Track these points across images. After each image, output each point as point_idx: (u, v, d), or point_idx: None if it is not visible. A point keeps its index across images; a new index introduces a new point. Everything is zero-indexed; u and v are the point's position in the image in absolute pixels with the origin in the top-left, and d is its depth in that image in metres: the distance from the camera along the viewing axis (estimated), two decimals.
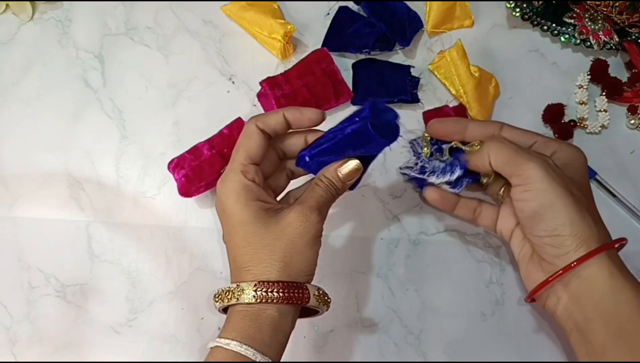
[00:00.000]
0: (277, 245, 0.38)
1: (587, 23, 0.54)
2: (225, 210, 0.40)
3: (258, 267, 0.38)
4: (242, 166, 0.41)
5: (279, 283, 0.37)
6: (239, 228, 0.39)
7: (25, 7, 0.55)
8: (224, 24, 0.55)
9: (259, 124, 0.41)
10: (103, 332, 0.47)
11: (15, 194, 0.51)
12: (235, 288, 0.38)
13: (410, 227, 0.50)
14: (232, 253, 0.40)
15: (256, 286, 0.37)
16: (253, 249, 0.38)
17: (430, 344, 0.48)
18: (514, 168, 0.40)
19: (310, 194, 0.41)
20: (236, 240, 0.39)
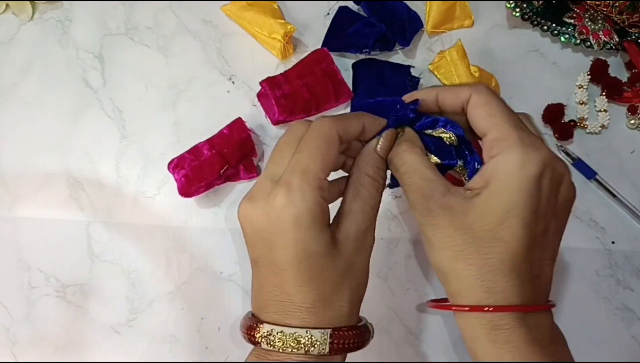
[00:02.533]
0: (345, 282, 0.33)
1: (587, 23, 0.54)
2: (288, 234, 0.32)
3: (326, 311, 0.33)
4: (320, 182, 0.32)
5: (353, 331, 0.33)
6: (304, 261, 0.32)
7: (25, 7, 0.55)
8: (224, 24, 0.55)
9: (340, 130, 0.33)
10: (103, 332, 0.47)
11: (15, 195, 0.51)
12: (305, 336, 0.32)
13: (410, 227, 0.50)
14: (284, 286, 0.33)
15: (333, 337, 0.32)
16: (319, 289, 0.32)
17: (431, 345, 0.48)
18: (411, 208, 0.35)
19: (360, 205, 0.34)
20: (295, 274, 0.32)
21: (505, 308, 0.32)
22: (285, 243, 0.32)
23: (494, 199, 0.32)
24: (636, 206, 0.50)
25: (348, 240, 0.33)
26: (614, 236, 0.50)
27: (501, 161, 0.32)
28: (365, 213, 0.34)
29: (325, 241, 0.32)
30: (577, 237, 0.50)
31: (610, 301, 0.49)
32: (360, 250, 0.34)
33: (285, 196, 0.32)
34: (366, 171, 0.35)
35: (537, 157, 0.32)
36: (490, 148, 0.33)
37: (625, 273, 0.50)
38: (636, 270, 0.50)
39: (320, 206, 0.32)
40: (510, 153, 0.32)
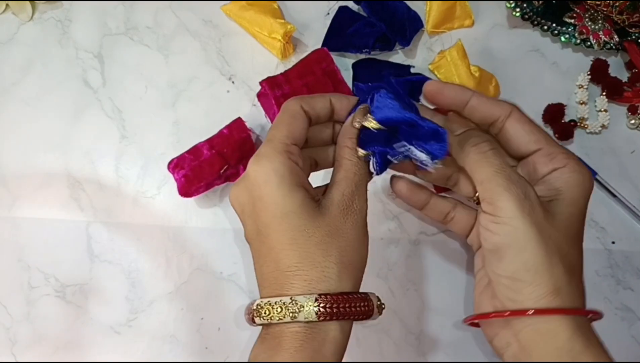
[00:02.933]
0: (331, 242, 0.33)
1: (587, 23, 0.54)
2: (263, 197, 0.33)
3: (312, 272, 0.32)
4: (285, 146, 0.34)
5: (345, 295, 0.32)
6: (281, 220, 0.32)
7: (25, 7, 0.55)
8: (224, 23, 0.55)
9: (304, 105, 0.36)
10: (103, 332, 0.47)
11: (15, 194, 0.51)
12: (289, 303, 0.31)
13: (410, 227, 0.50)
14: (271, 253, 0.33)
15: (318, 300, 0.31)
16: (302, 248, 0.32)
17: (431, 345, 0.48)
18: (487, 192, 0.35)
19: (342, 173, 0.35)
20: (278, 236, 0.33)
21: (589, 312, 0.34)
22: (263, 207, 0.33)
23: (573, 205, 0.35)
24: (636, 206, 0.50)
25: (332, 204, 0.34)
26: (614, 236, 0.50)
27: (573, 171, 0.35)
28: (348, 178, 0.35)
29: (299, 199, 0.33)
30: None
31: (611, 302, 0.49)
32: (347, 213, 0.34)
33: (254, 163, 0.34)
34: (345, 144, 0.36)
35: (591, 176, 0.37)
36: (551, 160, 0.36)
37: (625, 273, 0.50)
38: (636, 270, 0.50)
39: (286, 166, 0.33)
40: (577, 165, 0.36)
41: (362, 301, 0.33)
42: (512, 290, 0.34)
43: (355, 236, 0.34)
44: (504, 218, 0.33)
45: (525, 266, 0.33)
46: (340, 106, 0.37)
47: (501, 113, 0.37)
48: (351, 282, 0.34)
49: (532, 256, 0.33)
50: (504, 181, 0.34)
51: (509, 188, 0.34)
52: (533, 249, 0.33)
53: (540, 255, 0.33)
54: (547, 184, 0.35)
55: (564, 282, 0.33)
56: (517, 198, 0.33)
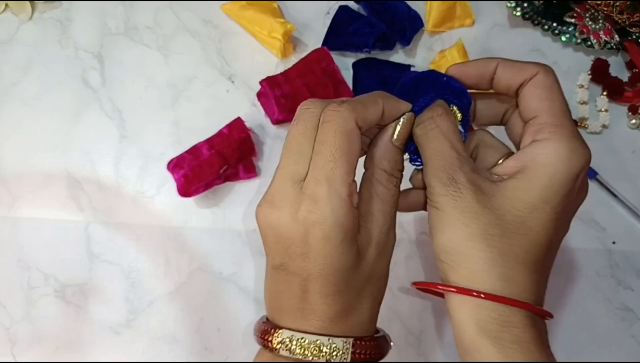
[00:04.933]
0: (367, 287, 0.32)
1: (588, 23, 0.54)
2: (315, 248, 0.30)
3: (349, 319, 0.31)
4: (348, 187, 0.30)
5: (374, 342, 0.32)
6: (332, 274, 0.30)
7: (25, 7, 0.55)
8: (224, 23, 0.55)
9: (359, 121, 0.31)
10: (103, 332, 0.47)
11: (15, 194, 0.51)
12: (326, 343, 0.30)
13: (411, 227, 0.50)
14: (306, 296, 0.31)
15: (355, 347, 0.31)
16: (344, 299, 0.31)
17: (431, 345, 0.47)
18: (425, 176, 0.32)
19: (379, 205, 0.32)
20: (320, 287, 0.31)
21: (522, 305, 0.29)
22: (312, 256, 0.30)
23: (531, 185, 0.30)
24: (637, 206, 0.50)
25: (370, 245, 0.31)
26: (614, 236, 0.50)
27: (549, 147, 0.30)
28: (386, 213, 0.32)
29: (353, 255, 0.30)
30: (577, 237, 0.50)
31: (611, 302, 0.49)
32: (382, 254, 0.32)
33: (313, 210, 0.29)
34: (382, 166, 0.32)
35: (583, 153, 0.30)
36: (536, 131, 0.31)
37: (625, 273, 0.49)
38: (636, 270, 0.50)
39: (349, 216, 0.30)
40: (561, 141, 0.30)
41: (384, 346, 0.33)
42: (440, 270, 0.32)
43: (385, 275, 0.33)
44: (432, 201, 0.31)
45: (444, 249, 0.31)
46: (390, 113, 0.33)
47: (526, 77, 0.32)
48: (376, 322, 0.33)
49: (448, 238, 0.30)
50: (436, 164, 0.31)
51: (435, 174, 0.31)
52: (450, 232, 0.30)
53: (456, 238, 0.30)
54: (519, 157, 0.31)
55: (483, 268, 0.30)
56: (442, 183, 0.31)
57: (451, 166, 0.31)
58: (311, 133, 0.31)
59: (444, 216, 0.31)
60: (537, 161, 0.30)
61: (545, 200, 0.30)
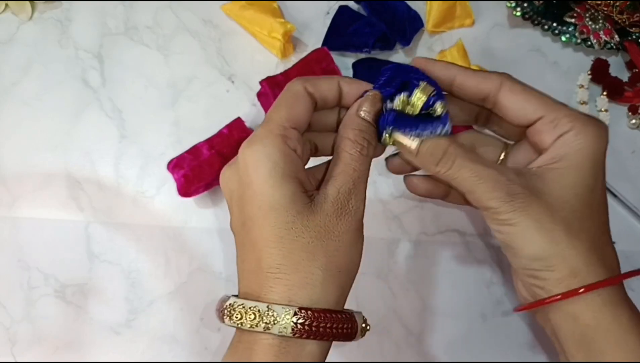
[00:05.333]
0: (319, 245, 0.30)
1: (588, 23, 0.54)
2: (251, 185, 0.30)
3: (294, 277, 0.29)
4: (282, 129, 0.31)
5: (328, 314, 0.29)
6: (268, 214, 0.30)
7: (25, 7, 0.55)
8: (224, 23, 0.55)
9: (309, 87, 0.33)
10: (103, 332, 0.47)
11: (15, 194, 0.51)
12: (265, 311, 0.28)
13: (411, 227, 0.50)
14: (254, 249, 0.30)
15: (297, 315, 0.28)
16: (287, 248, 0.29)
17: (431, 345, 0.47)
18: (476, 201, 0.33)
19: (341, 167, 0.32)
20: (262, 231, 0.30)
21: (624, 276, 0.33)
22: (250, 196, 0.30)
23: (580, 168, 0.32)
24: (637, 206, 0.50)
25: (326, 201, 0.31)
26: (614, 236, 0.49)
27: (578, 134, 0.32)
28: (346, 174, 0.32)
29: (290, 192, 0.30)
30: None
31: None
32: (341, 213, 0.31)
33: (247, 145, 0.31)
34: (347, 135, 0.33)
35: (603, 127, 0.33)
36: (554, 128, 0.33)
37: None
38: None
39: (281, 152, 0.30)
40: (585, 126, 0.32)
41: (345, 322, 0.30)
42: (533, 278, 0.33)
43: (347, 239, 0.31)
44: (501, 219, 0.32)
45: (535, 257, 0.32)
46: (348, 89, 0.34)
47: (491, 87, 0.34)
48: (337, 292, 0.31)
49: (537, 247, 0.32)
50: (484, 189, 0.32)
51: (493, 196, 0.32)
52: (536, 241, 0.32)
53: (544, 244, 0.32)
54: (551, 153, 0.33)
55: (579, 262, 0.32)
56: (505, 201, 0.32)
57: (501, 182, 0.32)
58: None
59: (522, 230, 0.32)
60: (573, 147, 0.32)
61: (596, 177, 0.33)
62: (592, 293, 0.32)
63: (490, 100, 0.35)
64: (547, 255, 0.32)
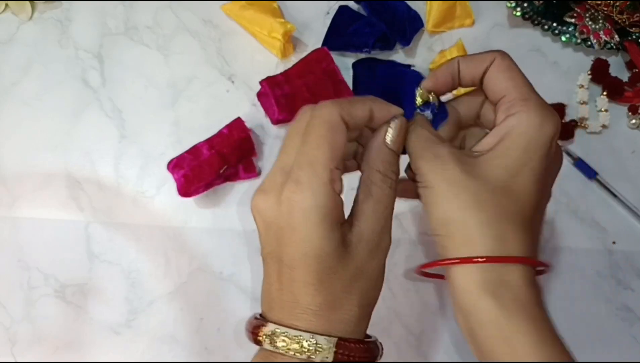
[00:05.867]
0: (355, 284, 0.31)
1: (588, 23, 0.54)
2: (296, 231, 0.30)
3: (333, 314, 0.31)
4: (330, 173, 0.30)
5: (361, 345, 0.31)
6: (312, 260, 0.30)
7: (25, 7, 0.55)
8: (224, 23, 0.55)
9: (344, 115, 0.32)
10: (103, 332, 0.47)
11: (15, 194, 0.51)
12: (309, 341, 0.30)
13: (411, 227, 0.50)
14: (292, 286, 0.31)
15: (339, 346, 0.30)
16: (328, 291, 0.31)
17: (431, 345, 0.47)
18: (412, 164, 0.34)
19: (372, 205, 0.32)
20: (304, 274, 0.31)
21: (519, 259, 0.31)
22: (294, 239, 0.30)
23: (510, 152, 0.32)
24: (637, 206, 0.50)
25: (361, 242, 0.31)
26: (614, 237, 0.50)
27: (522, 118, 0.33)
28: (379, 212, 0.32)
29: (335, 240, 0.30)
30: (578, 237, 0.50)
31: (611, 302, 0.49)
32: (374, 253, 0.32)
33: (294, 190, 0.30)
34: (376, 167, 0.33)
35: (554, 119, 0.33)
36: (508, 108, 0.33)
37: (626, 273, 0.49)
38: (637, 270, 0.50)
39: (330, 200, 0.30)
40: (532, 111, 0.33)
41: (373, 350, 0.32)
42: (438, 244, 0.33)
43: (378, 275, 0.32)
44: (422, 182, 0.33)
45: (440, 221, 0.32)
46: (380, 116, 0.33)
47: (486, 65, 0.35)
48: (366, 322, 0.33)
49: (443, 211, 0.32)
50: (417, 149, 0.34)
51: (420, 155, 0.33)
52: (443, 204, 0.32)
53: (450, 209, 0.32)
54: (495, 132, 0.34)
55: (478, 233, 0.31)
56: (427, 161, 0.33)
57: (433, 145, 0.33)
58: (303, 129, 0.32)
59: (435, 191, 0.32)
60: (513, 131, 0.33)
61: (525, 163, 0.32)
62: (483, 268, 0.31)
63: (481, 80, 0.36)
64: (450, 220, 0.32)
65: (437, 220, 0.32)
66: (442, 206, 0.32)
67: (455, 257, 0.32)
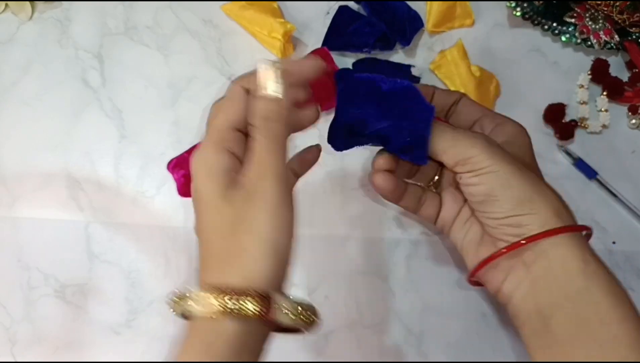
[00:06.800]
0: (249, 210, 0.31)
1: (588, 22, 0.54)
2: (196, 190, 0.33)
3: (242, 259, 0.32)
4: (219, 133, 0.33)
5: (255, 295, 0.30)
6: (209, 206, 0.32)
7: (25, 7, 0.55)
8: (224, 23, 0.55)
9: (244, 84, 0.35)
10: (103, 332, 0.47)
11: (15, 194, 0.51)
12: (191, 294, 0.32)
13: (411, 227, 0.50)
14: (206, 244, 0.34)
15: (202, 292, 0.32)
16: (227, 232, 0.32)
17: (431, 345, 0.47)
18: (456, 156, 0.36)
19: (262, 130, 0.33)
20: (207, 224, 0.33)
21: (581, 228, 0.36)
22: (195, 197, 0.33)
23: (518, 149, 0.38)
24: (637, 206, 0.50)
25: (250, 173, 0.32)
26: (614, 237, 0.50)
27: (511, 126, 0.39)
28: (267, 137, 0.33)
29: (224, 184, 0.32)
30: None
31: None
32: (266, 174, 0.32)
33: (193, 155, 0.34)
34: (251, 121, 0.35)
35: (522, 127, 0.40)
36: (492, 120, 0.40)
37: (626, 273, 0.49)
38: (637, 270, 0.50)
39: (217, 156, 0.32)
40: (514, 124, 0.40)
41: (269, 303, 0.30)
42: (515, 226, 0.35)
43: (275, 201, 0.32)
44: (482, 168, 0.35)
45: (519, 200, 0.35)
46: (291, 71, 0.35)
47: (455, 98, 0.41)
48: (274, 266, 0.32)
49: (521, 189, 0.35)
50: (465, 139, 0.36)
51: (474, 143, 0.36)
52: (519, 183, 0.35)
53: (527, 185, 0.35)
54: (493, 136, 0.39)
55: (559, 204, 0.36)
56: (485, 147, 0.36)
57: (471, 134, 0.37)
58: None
59: (502, 174, 0.35)
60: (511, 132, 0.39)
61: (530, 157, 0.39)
62: (575, 236, 0.35)
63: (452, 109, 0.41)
64: (531, 196, 0.35)
65: (516, 199, 0.35)
66: (519, 186, 0.35)
67: (552, 228, 0.34)
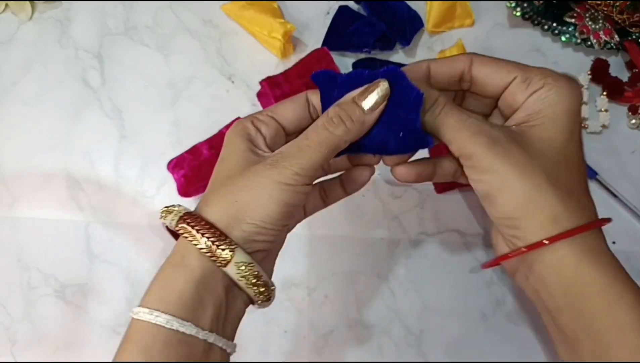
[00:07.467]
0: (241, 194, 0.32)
1: (588, 23, 0.54)
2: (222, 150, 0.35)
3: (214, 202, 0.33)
4: (257, 116, 0.36)
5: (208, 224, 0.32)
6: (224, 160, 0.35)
7: (25, 7, 0.55)
8: (224, 23, 0.55)
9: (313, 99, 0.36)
10: (103, 332, 0.47)
11: (14, 194, 0.51)
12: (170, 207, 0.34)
13: (411, 227, 0.50)
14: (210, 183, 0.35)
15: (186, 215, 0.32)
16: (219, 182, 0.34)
17: (431, 345, 0.47)
18: (459, 150, 0.34)
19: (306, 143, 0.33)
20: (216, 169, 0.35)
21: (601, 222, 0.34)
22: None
23: (555, 124, 0.34)
24: (637, 206, 0.50)
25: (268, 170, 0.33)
26: (614, 236, 0.50)
27: (551, 90, 0.34)
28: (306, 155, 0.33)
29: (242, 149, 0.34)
30: None
31: None
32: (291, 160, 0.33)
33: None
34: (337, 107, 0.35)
35: (578, 86, 0.35)
36: (526, 87, 0.35)
37: None
38: (637, 270, 0.50)
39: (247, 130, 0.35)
40: (558, 83, 0.34)
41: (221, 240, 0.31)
42: (513, 228, 0.34)
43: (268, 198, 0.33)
44: (482, 167, 0.34)
45: (516, 204, 0.33)
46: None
47: (463, 65, 0.36)
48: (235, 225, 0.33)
49: (518, 193, 0.33)
50: (468, 135, 0.34)
51: (475, 140, 0.34)
52: (517, 187, 0.33)
53: (525, 190, 0.33)
54: (525, 110, 0.35)
55: (559, 208, 0.33)
56: (487, 146, 0.33)
57: (483, 129, 0.34)
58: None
59: (501, 175, 0.33)
60: (547, 103, 0.34)
61: (570, 130, 0.34)
62: (573, 240, 0.33)
63: (465, 78, 0.37)
64: (529, 200, 0.33)
65: (512, 203, 0.33)
66: (517, 189, 0.33)
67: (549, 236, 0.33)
